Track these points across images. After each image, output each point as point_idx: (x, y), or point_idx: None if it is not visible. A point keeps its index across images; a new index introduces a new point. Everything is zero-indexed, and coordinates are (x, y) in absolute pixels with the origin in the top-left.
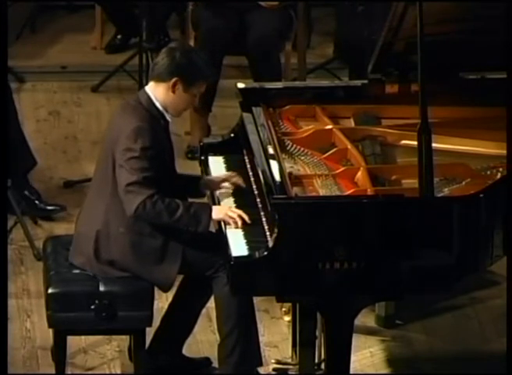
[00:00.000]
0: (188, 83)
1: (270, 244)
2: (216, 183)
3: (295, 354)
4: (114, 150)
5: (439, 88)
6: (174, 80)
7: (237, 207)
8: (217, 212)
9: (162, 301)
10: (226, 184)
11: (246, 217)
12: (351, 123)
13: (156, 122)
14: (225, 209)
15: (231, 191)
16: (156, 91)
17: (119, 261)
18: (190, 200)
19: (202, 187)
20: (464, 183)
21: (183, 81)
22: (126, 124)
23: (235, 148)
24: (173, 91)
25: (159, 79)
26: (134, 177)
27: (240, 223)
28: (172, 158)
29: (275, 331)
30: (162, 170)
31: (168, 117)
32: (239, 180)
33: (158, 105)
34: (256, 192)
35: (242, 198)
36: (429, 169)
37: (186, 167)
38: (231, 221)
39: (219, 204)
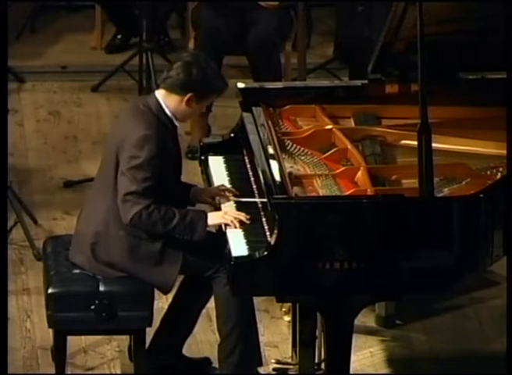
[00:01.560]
0: (202, 98)
1: (270, 244)
2: (205, 194)
3: (295, 354)
4: (118, 153)
5: (439, 88)
6: (189, 95)
7: (237, 207)
8: (213, 219)
9: (162, 301)
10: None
11: (243, 218)
12: (351, 123)
13: (164, 128)
14: (221, 214)
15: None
16: (167, 99)
17: (119, 263)
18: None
19: (192, 197)
20: (464, 183)
21: (197, 96)
22: (134, 130)
23: (235, 148)
24: (187, 105)
25: (173, 90)
26: (134, 187)
27: (237, 224)
28: (179, 163)
29: (275, 331)
30: (167, 177)
31: (176, 122)
32: (229, 192)
33: (167, 111)
34: (256, 192)
35: (242, 197)
36: (429, 169)
37: (186, 167)
38: (229, 223)
39: (220, 208)
